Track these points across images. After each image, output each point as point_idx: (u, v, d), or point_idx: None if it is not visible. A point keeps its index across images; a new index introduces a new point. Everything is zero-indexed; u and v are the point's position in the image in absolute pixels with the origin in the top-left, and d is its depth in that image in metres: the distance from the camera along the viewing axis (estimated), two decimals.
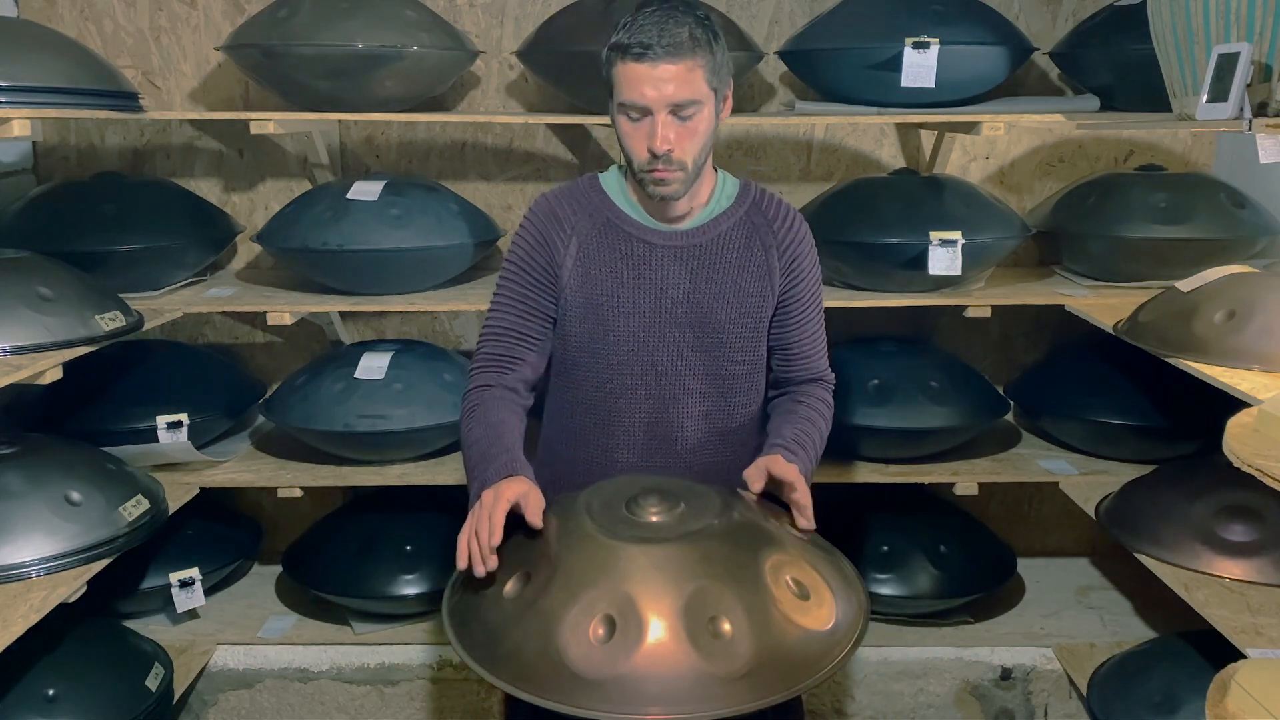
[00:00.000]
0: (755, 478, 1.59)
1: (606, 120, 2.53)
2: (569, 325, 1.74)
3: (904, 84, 2.45)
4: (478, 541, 1.44)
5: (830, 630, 1.35)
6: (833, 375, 1.87)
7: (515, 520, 1.48)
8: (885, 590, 2.60)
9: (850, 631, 1.37)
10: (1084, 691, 2.44)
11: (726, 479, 1.74)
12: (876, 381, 2.58)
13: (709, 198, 1.75)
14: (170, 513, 2.34)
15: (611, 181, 1.77)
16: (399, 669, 2.59)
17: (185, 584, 2.51)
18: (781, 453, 1.62)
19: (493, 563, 1.42)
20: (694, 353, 1.73)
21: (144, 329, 2.34)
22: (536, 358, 1.76)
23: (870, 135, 2.96)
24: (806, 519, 1.53)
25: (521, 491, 1.49)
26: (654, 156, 1.60)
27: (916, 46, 2.41)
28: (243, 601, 2.80)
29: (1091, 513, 2.46)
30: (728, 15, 2.73)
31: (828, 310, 1.88)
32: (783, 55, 2.70)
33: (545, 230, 1.73)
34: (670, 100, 1.57)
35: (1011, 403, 2.80)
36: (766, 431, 1.80)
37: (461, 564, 1.45)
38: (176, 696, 2.40)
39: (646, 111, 1.59)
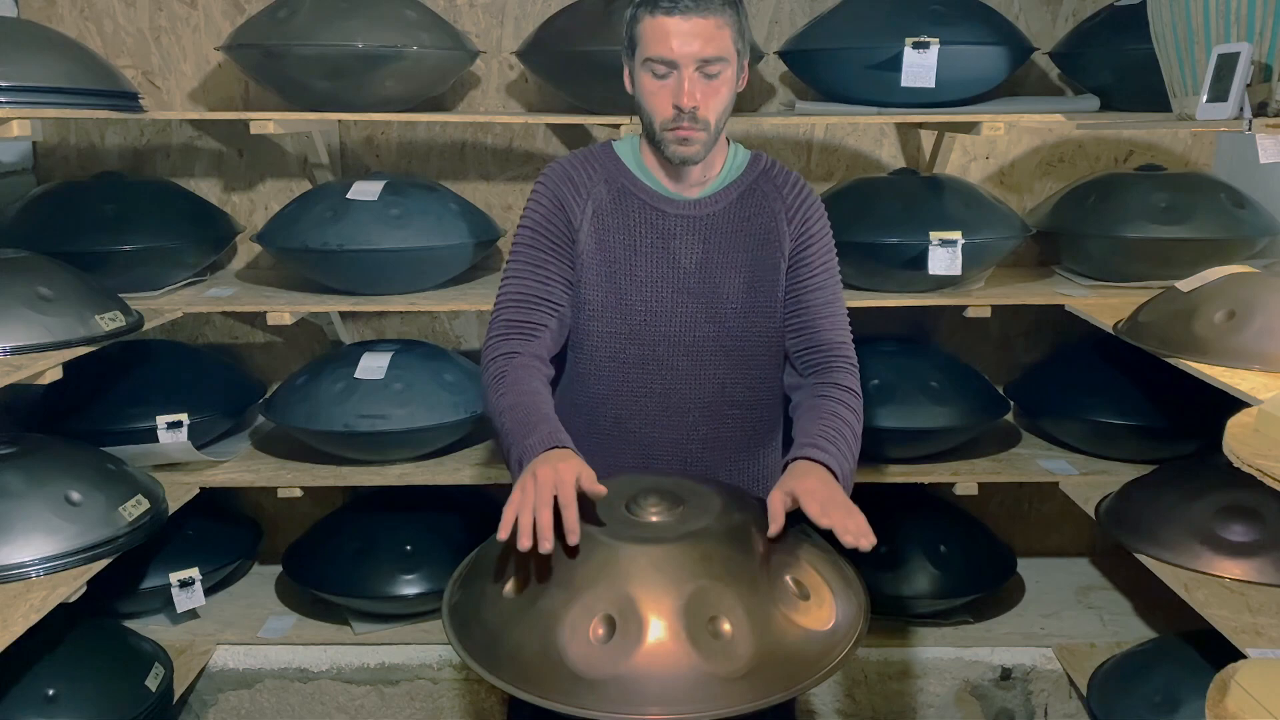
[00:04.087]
0: (777, 513, 1.44)
1: (607, 120, 2.55)
2: (584, 291, 1.71)
3: (904, 84, 2.45)
4: (537, 519, 1.33)
5: (830, 630, 1.35)
6: (855, 359, 1.76)
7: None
8: (885, 590, 2.60)
9: (850, 631, 1.37)
10: (1084, 691, 2.44)
11: (738, 451, 1.73)
12: (876, 381, 2.58)
13: (721, 168, 1.74)
14: (170, 513, 2.34)
15: (625, 149, 1.75)
16: (399, 669, 2.59)
17: (185, 584, 2.51)
18: (811, 451, 1.52)
19: (550, 541, 1.32)
20: (707, 323, 1.71)
21: (144, 329, 2.34)
22: (557, 325, 1.71)
23: (870, 135, 2.96)
24: (860, 538, 1.37)
25: (578, 468, 1.41)
26: (679, 113, 1.59)
27: (916, 46, 2.41)
28: (243, 601, 2.81)
29: (1091, 513, 2.46)
30: None
31: None
32: (783, 55, 2.70)
33: (561, 193, 1.71)
34: (699, 55, 1.57)
35: (1011, 403, 2.80)
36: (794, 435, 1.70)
37: (505, 534, 1.34)
38: (176, 696, 2.40)
39: (673, 66, 1.58)
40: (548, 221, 1.70)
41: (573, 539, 1.34)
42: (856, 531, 1.38)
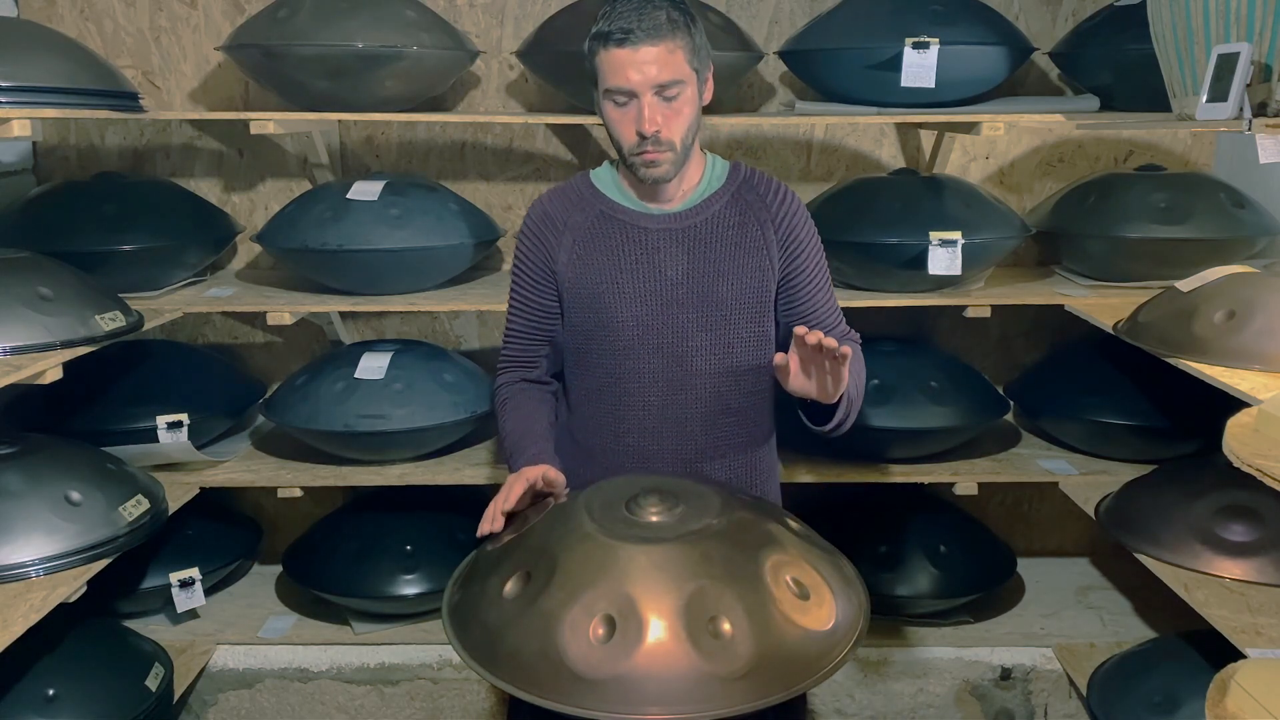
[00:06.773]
0: (804, 335, 1.57)
1: None
2: (573, 316, 1.79)
3: (904, 84, 2.45)
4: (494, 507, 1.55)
5: (830, 630, 1.35)
6: (856, 334, 1.91)
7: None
8: (885, 590, 2.60)
9: (850, 631, 1.37)
10: (1084, 691, 2.44)
11: (736, 457, 1.79)
12: (876, 381, 2.58)
13: (699, 179, 1.79)
14: (170, 513, 2.34)
15: (604, 175, 1.82)
16: (399, 669, 2.59)
17: (185, 584, 2.51)
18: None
19: (499, 523, 1.53)
20: (699, 332, 1.76)
21: (144, 329, 2.34)
22: (551, 350, 1.86)
23: (870, 135, 2.96)
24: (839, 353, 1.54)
25: (541, 470, 1.60)
26: (642, 139, 1.65)
27: (916, 46, 2.41)
28: (243, 601, 2.81)
29: (1091, 513, 2.46)
30: (728, 15, 2.72)
31: None
32: (783, 55, 2.70)
33: (539, 231, 1.80)
34: (654, 81, 1.62)
35: (1011, 403, 2.80)
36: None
37: (482, 530, 1.55)
38: (176, 696, 2.40)
39: (632, 95, 1.64)
40: (528, 261, 1.81)
41: (494, 524, 1.55)
42: (832, 345, 1.54)
